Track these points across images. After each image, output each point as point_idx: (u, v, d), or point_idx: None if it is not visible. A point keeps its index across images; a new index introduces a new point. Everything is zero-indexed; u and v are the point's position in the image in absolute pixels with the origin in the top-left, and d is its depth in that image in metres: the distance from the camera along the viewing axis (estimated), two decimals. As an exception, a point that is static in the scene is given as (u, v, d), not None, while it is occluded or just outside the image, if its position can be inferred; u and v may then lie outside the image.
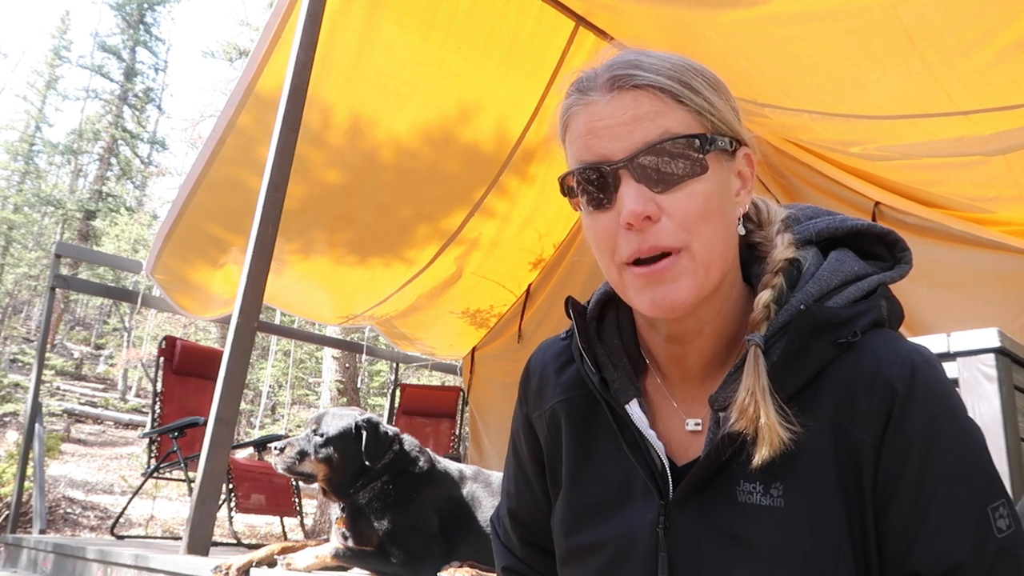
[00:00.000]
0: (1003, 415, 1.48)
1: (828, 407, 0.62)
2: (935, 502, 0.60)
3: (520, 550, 0.85)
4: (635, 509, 0.67)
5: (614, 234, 0.63)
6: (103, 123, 23.11)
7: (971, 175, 2.60)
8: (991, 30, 1.98)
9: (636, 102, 0.62)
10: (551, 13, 3.56)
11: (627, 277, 0.63)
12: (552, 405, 0.76)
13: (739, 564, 0.61)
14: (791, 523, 0.61)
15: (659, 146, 0.61)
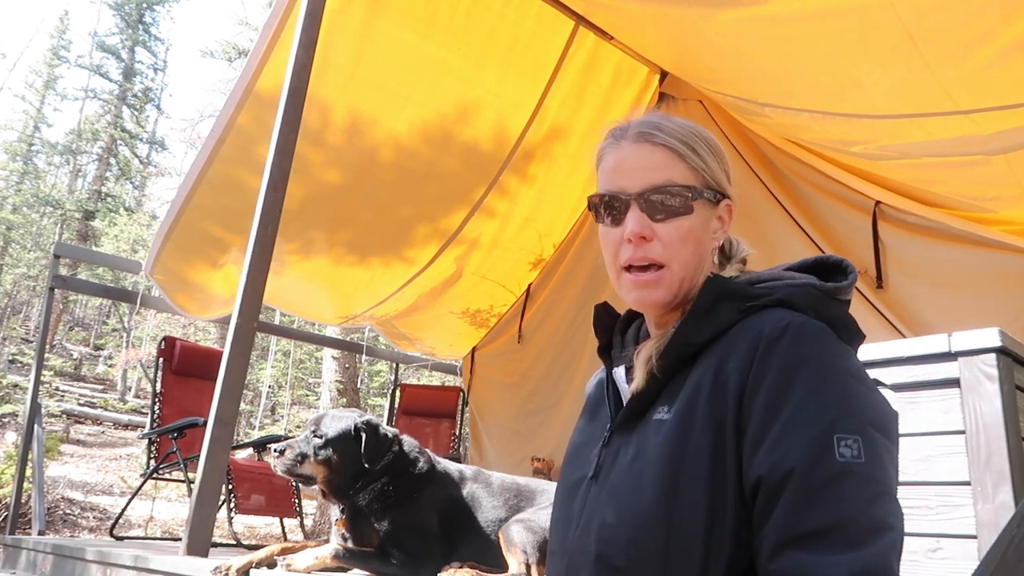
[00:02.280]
0: (1004, 415, 1.48)
1: (719, 351, 0.81)
2: (780, 419, 0.73)
3: None
4: (597, 437, 0.91)
5: (619, 244, 0.88)
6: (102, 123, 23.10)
7: (972, 174, 2.60)
8: (991, 29, 1.98)
9: (652, 154, 0.88)
10: (551, 13, 3.56)
11: (623, 279, 0.88)
12: (598, 378, 1.02)
13: (633, 462, 0.82)
14: (669, 429, 0.79)
15: (661, 189, 0.86)
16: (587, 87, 3.93)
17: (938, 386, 1.59)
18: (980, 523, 1.46)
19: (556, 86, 3.87)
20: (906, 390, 1.64)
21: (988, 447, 1.48)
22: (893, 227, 3.14)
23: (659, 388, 0.84)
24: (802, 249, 3.30)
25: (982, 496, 1.47)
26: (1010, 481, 1.44)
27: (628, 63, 3.88)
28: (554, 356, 4.61)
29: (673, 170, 0.86)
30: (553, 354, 4.63)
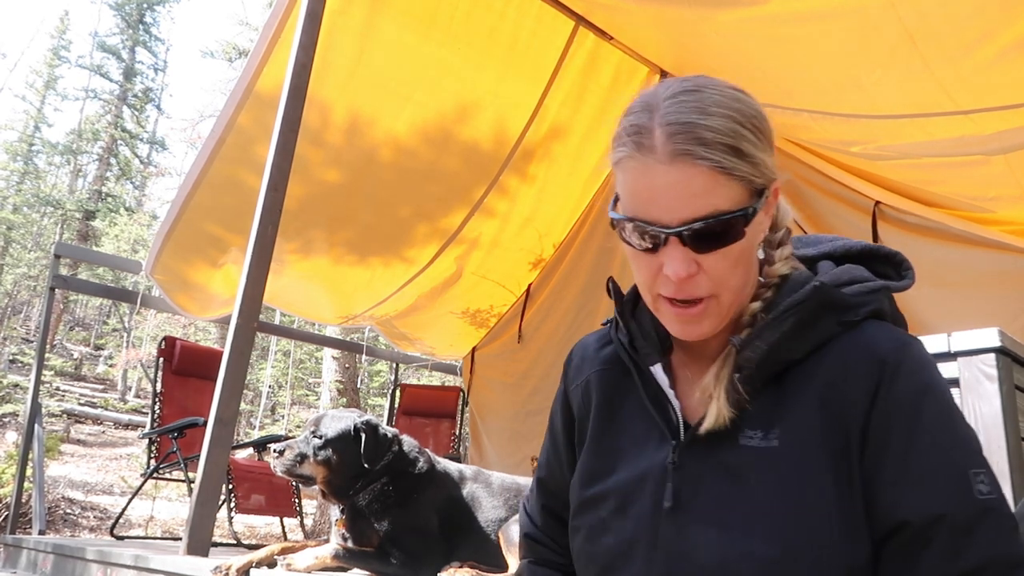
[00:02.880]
0: (1003, 415, 1.48)
1: (825, 373, 0.73)
2: (921, 458, 0.68)
3: (540, 517, 0.96)
4: (649, 454, 0.78)
5: (655, 274, 0.73)
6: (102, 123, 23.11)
7: (971, 174, 2.60)
8: (991, 30, 1.98)
9: (691, 179, 0.69)
10: (551, 13, 3.56)
11: (662, 306, 0.75)
12: (588, 375, 0.89)
13: (734, 494, 0.71)
14: (780, 459, 0.71)
15: (707, 222, 0.69)
16: (587, 87, 3.93)
17: (937, 386, 1.59)
18: (979, 523, 1.46)
19: (556, 86, 3.87)
20: (905, 390, 1.64)
21: (987, 447, 1.48)
22: (893, 227, 3.13)
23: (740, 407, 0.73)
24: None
25: (981, 496, 1.47)
26: (1009, 481, 1.44)
27: (628, 63, 3.88)
28: (554, 356, 4.61)
29: (719, 195, 0.69)
30: (553, 354, 4.63)
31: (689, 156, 0.68)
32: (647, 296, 0.76)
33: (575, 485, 0.85)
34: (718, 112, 0.70)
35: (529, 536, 0.97)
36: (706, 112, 0.70)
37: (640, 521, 0.75)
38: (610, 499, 0.79)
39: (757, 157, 0.71)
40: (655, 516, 0.74)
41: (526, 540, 0.98)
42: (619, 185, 0.74)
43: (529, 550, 0.98)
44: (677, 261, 0.70)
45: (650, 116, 0.71)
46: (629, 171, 0.72)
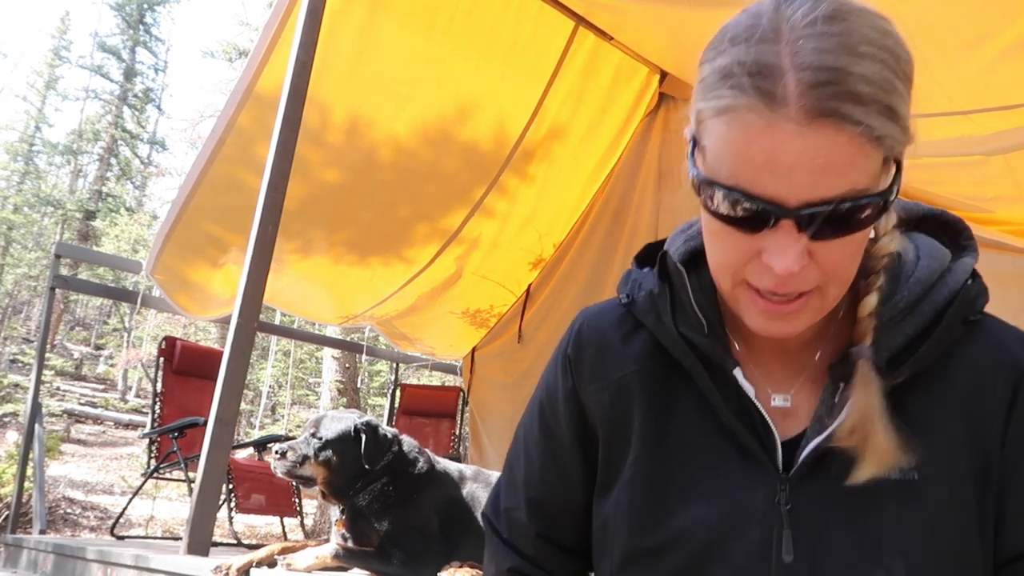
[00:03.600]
0: (1003, 415, 1.48)
1: (958, 383, 0.60)
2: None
3: (534, 547, 0.74)
4: (738, 486, 0.60)
5: (748, 258, 0.55)
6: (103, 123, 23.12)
7: (971, 175, 2.60)
8: (991, 30, 1.99)
9: (832, 149, 0.50)
10: (551, 13, 3.56)
11: (745, 296, 0.57)
12: (621, 376, 0.67)
13: (870, 541, 0.57)
14: (930, 498, 0.57)
15: (839, 206, 0.51)
16: (587, 87, 3.93)
17: (937, 386, 1.59)
18: (979, 523, 1.46)
19: (556, 86, 3.87)
20: (905, 390, 1.64)
21: (987, 447, 1.48)
22: (893, 227, 3.14)
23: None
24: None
25: (981, 496, 1.47)
26: (1009, 481, 1.44)
27: (628, 63, 3.88)
28: (554, 356, 4.61)
29: (860, 169, 0.51)
30: (553, 354, 4.63)
31: (836, 117, 0.49)
32: (725, 280, 0.58)
33: (623, 521, 0.64)
34: (871, 54, 0.51)
35: (515, 571, 0.74)
36: (857, 53, 0.50)
37: (739, 571, 0.59)
38: (683, 547, 0.60)
39: (908, 117, 0.53)
40: (762, 569, 0.58)
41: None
42: (713, 136, 0.54)
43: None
44: (790, 252, 0.52)
45: (778, 51, 0.50)
46: (738, 125, 0.51)
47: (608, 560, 0.66)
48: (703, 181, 0.55)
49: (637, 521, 0.63)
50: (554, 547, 0.74)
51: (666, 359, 0.66)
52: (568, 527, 0.73)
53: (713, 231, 0.57)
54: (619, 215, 4.06)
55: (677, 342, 0.64)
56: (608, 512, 0.67)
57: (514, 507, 0.75)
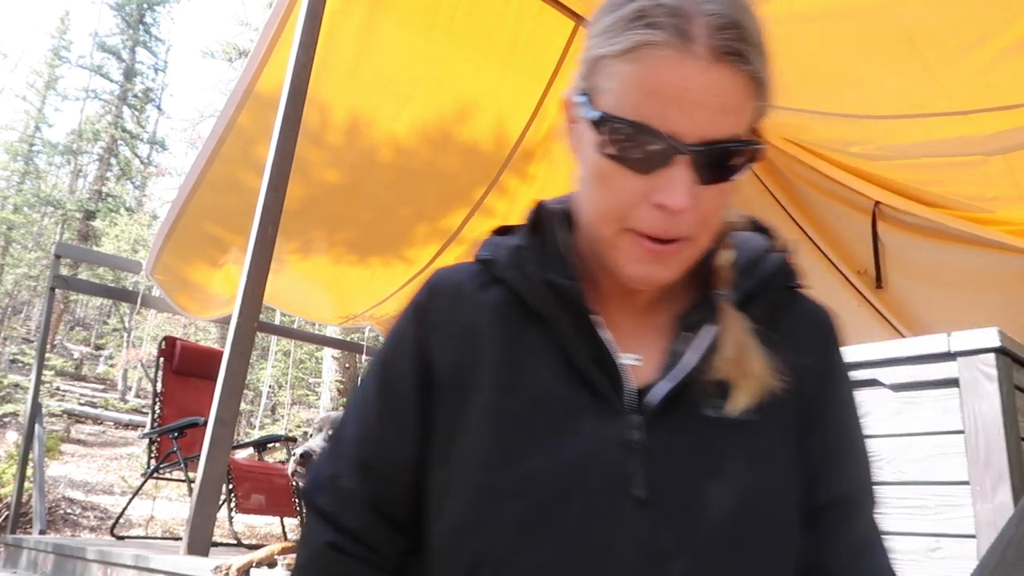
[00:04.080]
0: (1003, 415, 1.48)
1: (785, 341, 0.66)
2: (853, 433, 0.69)
3: (360, 517, 0.67)
4: (593, 428, 0.62)
5: (636, 202, 0.59)
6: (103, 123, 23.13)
7: (971, 175, 2.60)
8: (991, 30, 1.98)
9: (729, 89, 0.56)
10: (551, 13, 3.56)
11: (626, 242, 0.61)
12: (473, 322, 0.67)
13: (718, 476, 0.61)
14: (765, 435, 0.63)
15: (728, 147, 0.57)
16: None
17: (937, 386, 1.59)
18: (979, 523, 1.47)
19: (556, 86, 3.87)
20: (905, 390, 1.64)
21: (987, 447, 1.48)
22: (892, 227, 3.14)
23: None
24: (802, 249, 3.31)
25: (981, 496, 1.47)
26: (1009, 481, 1.44)
27: (628, 63, 3.88)
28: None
29: (743, 116, 0.58)
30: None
31: (735, 58, 0.55)
32: (608, 227, 0.61)
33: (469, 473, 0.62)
34: (752, 13, 0.58)
35: (335, 548, 0.66)
36: (746, 10, 0.58)
37: (598, 517, 0.59)
38: (537, 487, 0.60)
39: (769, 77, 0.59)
40: (618, 510, 0.59)
41: (328, 553, 0.66)
42: (616, 78, 0.57)
43: (331, 566, 0.67)
44: (684, 188, 0.56)
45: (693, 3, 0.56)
46: (651, 61, 0.56)
47: (450, 512, 0.62)
48: (603, 119, 0.58)
49: (488, 463, 0.62)
50: (383, 518, 0.68)
51: (521, 310, 0.67)
52: (400, 496, 0.67)
53: (603, 175, 0.60)
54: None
55: (541, 290, 0.66)
56: (453, 461, 0.64)
57: (340, 474, 0.68)
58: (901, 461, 1.62)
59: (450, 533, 0.62)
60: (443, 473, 0.64)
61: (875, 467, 0.70)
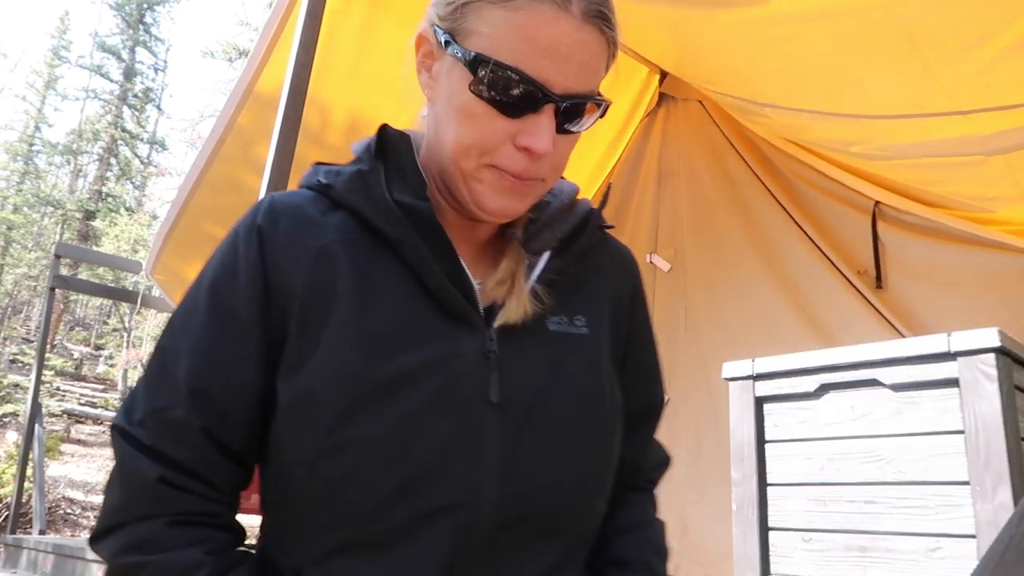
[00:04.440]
0: (1003, 415, 1.48)
1: (606, 270, 0.79)
2: (655, 353, 0.86)
3: (193, 448, 0.63)
4: (450, 341, 0.65)
5: (501, 141, 0.64)
6: (103, 123, 23.14)
7: (971, 175, 2.60)
8: (991, 30, 1.98)
9: (594, 48, 0.64)
10: (551, 13, 3.56)
11: (489, 176, 0.66)
12: (322, 244, 0.67)
13: (560, 379, 0.69)
14: (596, 347, 0.74)
15: (587, 100, 0.65)
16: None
17: (937, 386, 1.59)
18: (979, 523, 1.47)
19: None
20: (905, 390, 1.64)
21: (987, 447, 1.48)
22: (893, 227, 3.14)
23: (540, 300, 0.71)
24: (801, 249, 3.31)
25: (981, 496, 1.47)
26: (1009, 481, 1.44)
27: (628, 63, 3.88)
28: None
29: (598, 75, 0.67)
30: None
31: (601, 21, 0.63)
32: (470, 161, 0.65)
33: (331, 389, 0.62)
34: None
35: (165, 482, 0.62)
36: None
37: (462, 422, 0.63)
38: (402, 396, 0.62)
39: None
40: (478, 411, 0.64)
41: (158, 488, 0.62)
42: (490, 23, 0.62)
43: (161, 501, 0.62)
44: (548, 134, 0.63)
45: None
46: (531, 13, 0.61)
47: (310, 434, 0.62)
48: (477, 59, 0.62)
49: (351, 377, 0.62)
50: (218, 448, 0.64)
51: (367, 234, 0.69)
52: (237, 424, 0.65)
53: (472, 113, 0.64)
54: (619, 215, 4.06)
55: (391, 212, 0.67)
56: (307, 383, 0.63)
57: (168, 407, 0.64)
58: (901, 461, 1.62)
59: (310, 452, 0.61)
60: (295, 392, 0.63)
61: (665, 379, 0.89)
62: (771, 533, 1.80)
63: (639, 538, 0.80)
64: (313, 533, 0.63)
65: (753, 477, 1.83)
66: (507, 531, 0.63)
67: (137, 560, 0.61)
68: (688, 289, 3.67)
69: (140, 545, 0.61)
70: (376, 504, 0.60)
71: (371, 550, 0.61)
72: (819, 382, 1.78)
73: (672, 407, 3.56)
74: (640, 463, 0.84)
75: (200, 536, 0.62)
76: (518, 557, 0.64)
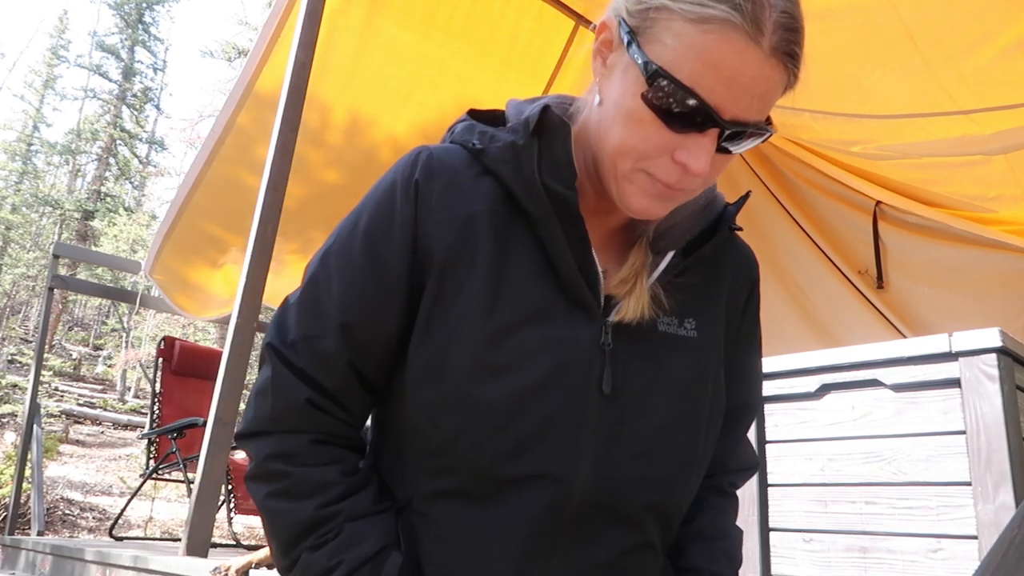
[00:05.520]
0: (1005, 415, 1.48)
1: (726, 274, 0.80)
2: (758, 352, 0.87)
3: (340, 377, 0.71)
4: (571, 328, 0.69)
5: (660, 152, 0.64)
6: (101, 123, 23.11)
7: (972, 174, 2.60)
8: (992, 29, 1.98)
9: (774, 83, 0.63)
10: (551, 13, 3.56)
11: (641, 179, 0.67)
12: (469, 212, 0.71)
13: (663, 379, 0.72)
14: (702, 351, 0.75)
15: (751, 129, 0.64)
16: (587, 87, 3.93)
17: (938, 386, 1.59)
18: (981, 523, 1.46)
19: (556, 86, 3.87)
20: (906, 390, 1.64)
21: (989, 447, 1.48)
22: (893, 227, 3.14)
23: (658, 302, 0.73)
24: (802, 249, 3.31)
25: (983, 496, 1.47)
26: (1011, 481, 1.44)
27: (628, 63, 3.88)
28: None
29: (773, 105, 0.66)
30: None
31: (788, 59, 0.63)
32: (626, 162, 0.66)
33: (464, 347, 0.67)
34: (804, 26, 0.66)
35: (312, 404, 0.70)
36: (802, 19, 0.66)
37: (570, 405, 0.68)
38: (523, 375, 0.67)
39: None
40: (586, 396, 0.68)
41: (306, 408, 0.70)
42: (680, 38, 0.61)
43: (307, 420, 0.70)
44: (707, 155, 0.63)
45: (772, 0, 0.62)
46: (720, 38, 0.60)
47: (435, 387, 0.68)
48: (657, 71, 0.61)
49: (480, 340, 0.67)
50: (358, 379, 0.72)
51: (511, 206, 0.72)
52: (376, 360, 0.72)
53: (638, 118, 0.64)
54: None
55: (537, 191, 0.70)
56: (438, 340, 0.69)
57: (319, 335, 0.71)
58: (902, 461, 1.62)
59: (434, 405, 0.68)
60: (427, 349, 0.69)
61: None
62: (771, 533, 1.80)
63: (716, 548, 0.81)
64: (425, 475, 0.70)
65: (753, 477, 1.83)
66: (594, 511, 0.68)
67: (282, 468, 0.70)
68: (688, 289, 3.67)
69: (286, 455, 0.70)
70: (482, 461, 0.67)
71: (471, 500, 0.68)
72: (820, 382, 1.77)
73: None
74: (727, 461, 0.85)
75: (336, 456, 0.71)
76: (598, 538, 0.69)
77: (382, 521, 0.70)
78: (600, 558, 0.70)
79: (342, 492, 0.69)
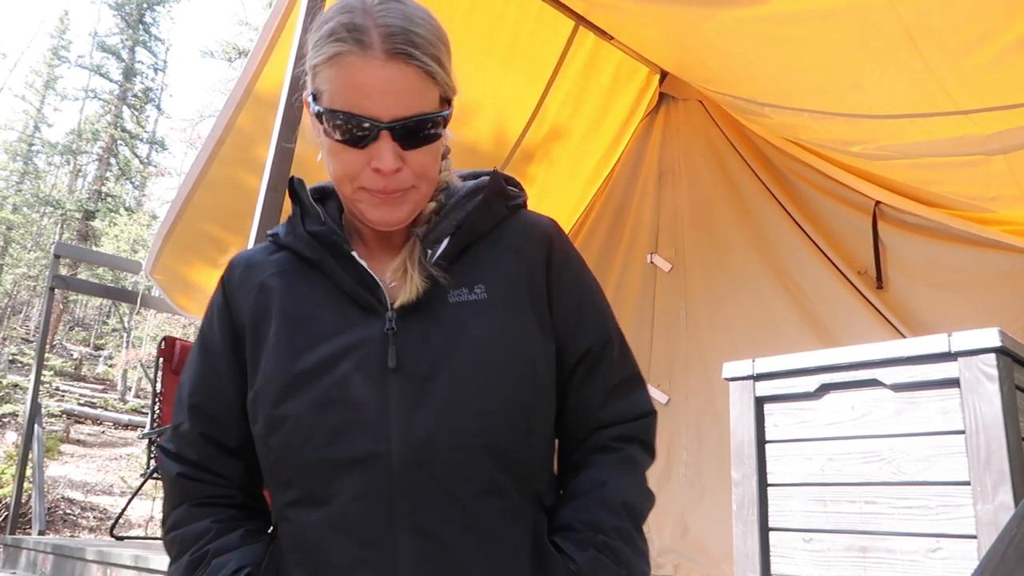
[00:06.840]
0: (1004, 415, 1.48)
1: (510, 240, 0.88)
2: (588, 302, 0.91)
3: (198, 448, 0.88)
4: (360, 329, 0.82)
5: (360, 169, 0.79)
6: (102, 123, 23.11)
7: (972, 174, 2.60)
8: (992, 29, 1.98)
9: (406, 77, 0.76)
10: (551, 13, 3.56)
11: (362, 196, 0.81)
12: (262, 279, 0.88)
13: (460, 341, 0.81)
14: (495, 307, 0.83)
15: (416, 120, 0.77)
16: (587, 87, 3.93)
17: (938, 386, 1.59)
18: (980, 523, 1.46)
19: (556, 86, 3.87)
20: (906, 390, 1.64)
21: (988, 447, 1.48)
22: (893, 227, 3.14)
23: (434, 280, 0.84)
24: (802, 249, 3.30)
25: (982, 496, 1.47)
26: (1010, 481, 1.44)
27: (628, 63, 3.87)
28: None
29: (427, 96, 0.79)
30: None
31: (404, 55, 0.76)
32: (347, 187, 0.81)
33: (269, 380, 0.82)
34: (421, 23, 0.80)
35: (183, 476, 0.87)
36: (413, 21, 0.79)
37: (368, 382, 0.79)
38: (321, 373, 0.80)
39: (449, 70, 0.83)
40: (383, 377, 0.79)
41: (179, 481, 0.87)
42: (327, 81, 0.78)
43: (184, 492, 0.87)
44: (388, 154, 0.77)
45: (364, 17, 0.77)
46: (344, 66, 0.76)
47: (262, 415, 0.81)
48: (323, 112, 0.78)
49: (281, 367, 0.81)
50: (216, 447, 0.88)
51: (301, 264, 0.88)
52: (229, 427, 0.87)
53: (334, 152, 0.80)
54: (619, 215, 4.06)
55: (306, 240, 0.87)
56: (257, 382, 0.83)
57: (180, 422, 0.89)
58: (902, 461, 1.62)
59: (263, 431, 0.81)
60: (252, 395, 0.84)
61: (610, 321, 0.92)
62: (771, 533, 1.80)
63: (588, 500, 0.84)
64: (276, 492, 0.83)
65: (753, 477, 1.83)
66: (418, 474, 0.76)
67: (173, 535, 0.86)
68: (689, 289, 3.66)
69: (173, 525, 0.86)
70: (308, 462, 0.78)
71: (314, 504, 0.78)
72: (819, 382, 1.78)
73: (673, 407, 3.55)
74: (596, 414, 0.88)
75: (211, 513, 0.86)
76: (438, 498, 0.77)
77: (247, 551, 0.83)
78: (447, 515, 0.76)
79: (213, 536, 0.84)
